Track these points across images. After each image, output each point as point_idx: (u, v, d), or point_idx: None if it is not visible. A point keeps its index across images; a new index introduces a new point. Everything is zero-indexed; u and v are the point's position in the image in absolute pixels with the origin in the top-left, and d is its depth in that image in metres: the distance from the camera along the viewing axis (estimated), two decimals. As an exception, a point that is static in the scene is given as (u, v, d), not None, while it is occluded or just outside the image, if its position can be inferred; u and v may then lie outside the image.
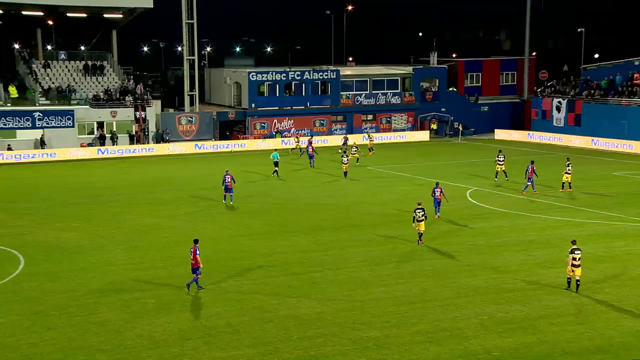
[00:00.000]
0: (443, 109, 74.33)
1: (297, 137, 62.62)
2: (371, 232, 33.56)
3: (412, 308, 23.25)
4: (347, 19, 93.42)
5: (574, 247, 24.83)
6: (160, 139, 64.68)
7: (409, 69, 75.59)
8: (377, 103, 72.94)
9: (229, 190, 39.87)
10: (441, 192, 35.68)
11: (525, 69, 77.84)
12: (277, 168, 49.09)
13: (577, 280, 24.64)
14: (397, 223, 35.21)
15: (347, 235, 32.91)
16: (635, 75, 66.54)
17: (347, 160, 48.88)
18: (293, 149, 60.90)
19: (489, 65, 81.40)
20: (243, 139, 67.53)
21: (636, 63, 68.58)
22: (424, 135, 71.16)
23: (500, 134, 71.98)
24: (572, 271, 24.58)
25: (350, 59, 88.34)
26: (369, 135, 62.97)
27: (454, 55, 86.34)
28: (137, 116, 64.57)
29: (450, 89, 77.36)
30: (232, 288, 25.59)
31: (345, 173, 48.58)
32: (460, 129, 71.53)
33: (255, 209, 38.98)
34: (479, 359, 19.37)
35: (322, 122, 71.06)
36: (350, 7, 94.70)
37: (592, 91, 68.32)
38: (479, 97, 78.22)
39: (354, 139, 61.79)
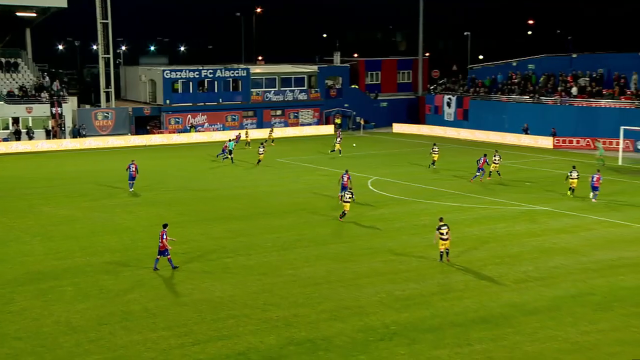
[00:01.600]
0: (346, 105, 75.16)
1: (247, 132, 62.37)
2: (280, 219, 33.64)
3: (318, 289, 23.50)
4: (256, 20, 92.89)
5: (441, 223, 26.03)
6: (77, 134, 62.60)
7: (314, 68, 75.96)
8: (285, 99, 73.10)
9: (132, 179, 40.35)
10: (349, 178, 36.42)
11: (419, 68, 79.61)
12: (231, 155, 51.15)
13: (447, 250, 26.02)
14: (304, 210, 35.44)
15: (258, 223, 32.88)
16: (513, 74, 69.26)
17: (263, 151, 50.12)
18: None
19: (387, 64, 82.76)
20: (158, 133, 66.25)
21: (514, 64, 71.37)
22: (329, 129, 71.79)
23: (397, 128, 73.46)
24: (443, 244, 25.88)
25: (260, 58, 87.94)
26: (271, 130, 63.63)
27: (355, 55, 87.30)
28: (54, 112, 62.21)
29: (353, 86, 78.20)
30: (149, 275, 25.14)
31: (259, 161, 50.07)
32: (362, 123, 72.57)
33: (170, 200, 38.36)
34: (378, 333, 19.80)
35: (233, 117, 70.54)
36: (259, 9, 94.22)
37: (477, 89, 70.67)
38: (378, 93, 79.48)
39: (257, 133, 61.66)
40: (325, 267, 25.92)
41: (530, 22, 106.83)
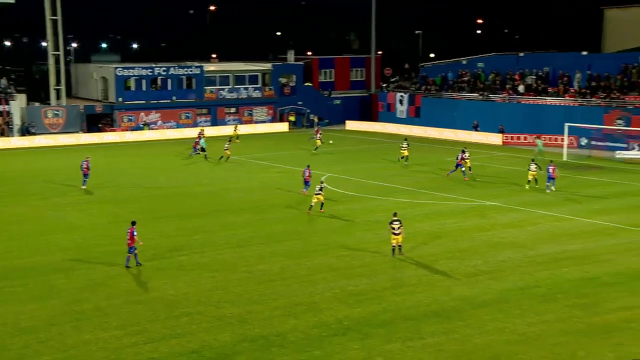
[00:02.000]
0: (300, 102, 75.11)
1: (236, 126, 63.29)
2: (235, 217, 33.48)
3: (272, 285, 23.47)
4: (210, 18, 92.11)
5: (394, 218, 26.35)
6: (25, 132, 61.06)
7: (268, 66, 75.69)
8: (240, 97, 72.69)
9: (85, 176, 39.97)
10: (309, 174, 37.12)
11: (372, 66, 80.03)
12: (205, 152, 51.23)
13: (400, 246, 26.34)
14: (259, 207, 35.36)
15: (213, 220, 32.67)
16: (463, 72, 70.25)
17: (228, 147, 50.60)
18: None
19: (340, 62, 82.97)
20: (111, 131, 65.16)
21: (464, 62, 72.38)
22: (283, 127, 71.69)
23: (351, 125, 73.75)
24: (394, 239, 26.21)
25: (214, 55, 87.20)
26: (235, 126, 63.55)
27: (309, 53, 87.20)
28: (1, 110, 60.54)
29: (306, 84, 78.14)
30: (102, 273, 24.74)
31: (225, 157, 49.98)
32: (316, 120, 72.64)
33: (124, 198, 37.80)
34: (331, 328, 19.89)
35: (187, 115, 69.82)
36: (212, 7, 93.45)
37: (429, 86, 71.45)
38: (332, 91, 79.64)
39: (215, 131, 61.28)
40: (280, 263, 25.90)
41: (479, 21, 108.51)
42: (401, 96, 72.74)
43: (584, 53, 63.18)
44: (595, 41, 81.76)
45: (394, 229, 26.23)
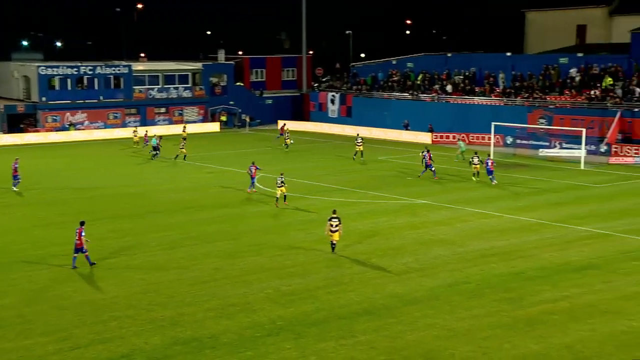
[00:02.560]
0: (231, 102, 74.59)
1: (184, 126, 63.03)
2: (167, 218, 33.00)
3: (205, 287, 23.23)
4: (137, 16, 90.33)
5: (333, 215, 26.70)
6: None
7: (198, 65, 74.86)
8: (170, 97, 71.64)
9: (14, 177, 38.96)
10: (256, 169, 37.81)
11: (303, 66, 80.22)
12: (157, 152, 50.85)
13: (334, 243, 26.72)
14: (191, 208, 34.96)
15: (144, 222, 32.10)
16: (393, 72, 71.26)
17: (183, 147, 50.63)
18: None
19: (271, 62, 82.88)
20: (34, 132, 63.04)
21: (394, 62, 73.46)
22: (214, 127, 71.03)
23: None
24: (331, 235, 26.57)
25: (142, 54, 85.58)
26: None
27: (240, 53, 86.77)
28: None
29: (238, 83, 77.74)
30: (26, 278, 23.91)
31: (182, 156, 50.08)
32: (248, 120, 72.29)
33: (50, 200, 36.66)
34: (265, 329, 19.83)
35: (115, 115, 68.32)
36: (140, 5, 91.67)
37: (360, 86, 72.17)
38: (263, 91, 79.45)
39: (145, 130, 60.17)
40: (212, 264, 25.68)
41: (408, 22, 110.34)
42: (332, 96, 73.20)
43: (508, 54, 65.12)
44: (519, 42, 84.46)
45: (331, 226, 26.50)
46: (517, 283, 23.48)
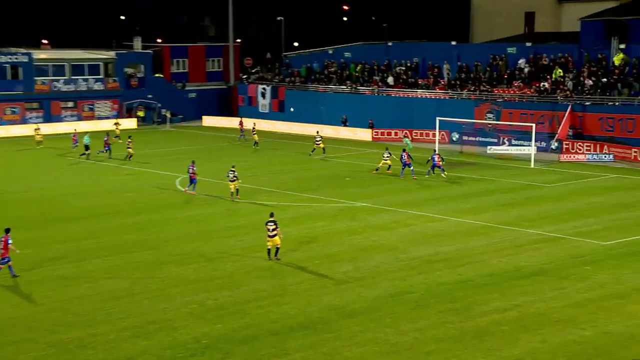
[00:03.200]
0: (150, 96, 73.55)
1: (117, 122, 62.32)
2: (77, 225, 32.35)
3: (120, 303, 22.85)
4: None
5: (270, 219, 26.91)
6: None
7: (111, 54, 73.57)
8: (78, 89, 70.12)
9: None
10: (194, 170, 38.07)
11: (230, 56, 79.81)
12: (89, 151, 49.83)
13: (270, 248, 26.97)
14: (106, 214, 34.41)
15: (49, 231, 31.38)
16: (330, 63, 71.68)
17: (131, 145, 49.83)
18: (114, 136, 56.86)
19: (194, 51, 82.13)
20: None
21: (330, 52, 73.95)
22: (130, 123, 69.81)
23: (208, 121, 73.19)
24: (268, 241, 26.79)
25: (45, 41, 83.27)
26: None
27: (159, 41, 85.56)
28: None
29: (157, 75, 76.76)
30: None
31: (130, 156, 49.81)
32: (168, 116, 71.33)
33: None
34: (188, 349, 19.62)
35: (14, 109, 66.35)
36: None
37: (293, 78, 72.29)
38: (185, 83, 78.67)
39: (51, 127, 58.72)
40: (129, 277, 25.29)
41: (345, 8, 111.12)
42: (263, 89, 73.10)
43: (453, 43, 66.41)
44: (464, 31, 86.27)
45: (268, 230, 26.63)
46: (464, 292, 23.95)
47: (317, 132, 53.68)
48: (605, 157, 49.57)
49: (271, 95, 72.41)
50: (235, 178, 36.64)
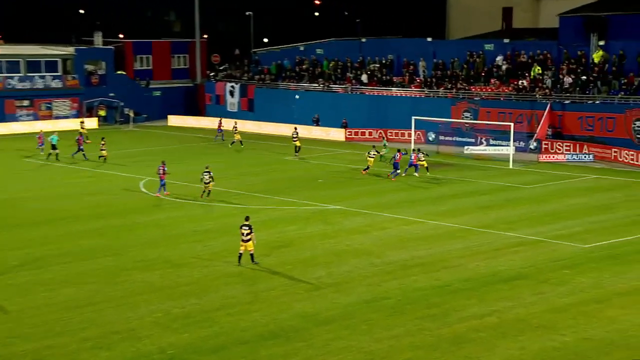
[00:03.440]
0: (112, 94, 73.01)
1: (82, 120, 61.90)
2: (32, 231, 31.99)
3: (80, 313, 22.62)
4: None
5: (244, 223, 27.03)
6: None
7: (70, 50, 72.95)
8: (34, 87, 69.46)
9: None
10: (164, 170, 38.20)
11: (197, 52, 79.49)
12: (57, 151, 49.40)
13: (241, 253, 26.98)
14: (65, 219, 34.21)
15: (3, 237, 31.09)
16: (301, 60, 71.69)
17: (105, 147, 49.65)
18: (86, 138, 55.91)
19: (159, 47, 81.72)
20: None
21: (301, 48, 73.96)
22: (91, 123, 69.15)
23: (174, 120, 72.82)
24: (241, 246, 26.82)
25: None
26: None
27: (121, 36, 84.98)
28: None
29: (119, 72, 76.22)
30: None
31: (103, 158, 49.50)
32: (132, 115, 70.83)
33: None
34: (153, 359, 19.51)
35: (-37, 109, 65.51)
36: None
37: (263, 76, 72.19)
38: (150, 81, 78.20)
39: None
40: (90, 285, 25.09)
41: (317, 2, 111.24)
42: (232, 87, 72.92)
43: (429, 39, 66.79)
44: (440, 26, 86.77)
45: (242, 234, 26.72)
46: (441, 297, 24.08)
47: (295, 129, 53.84)
48: (585, 157, 50.21)
49: (240, 94, 72.25)
50: (210, 179, 37.30)
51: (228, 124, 60.94)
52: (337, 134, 62.19)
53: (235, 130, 57.53)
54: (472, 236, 31.51)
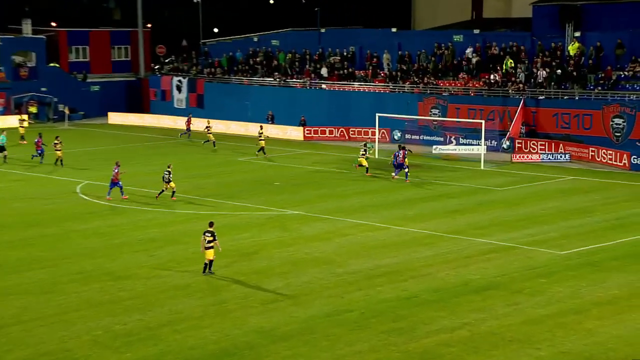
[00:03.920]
0: (44, 89, 72.16)
1: (22, 117, 61.65)
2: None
3: (7, 332, 22.31)
4: None
5: (208, 229, 27.28)
6: None
7: (-5, 40, 71.93)
8: (-45, 81, 68.34)
9: None
10: (118, 171, 38.33)
11: (139, 43, 78.92)
12: (5, 152, 49.69)
13: (210, 261, 27.27)
14: (-10, 229, 33.50)
15: None
16: (255, 52, 71.55)
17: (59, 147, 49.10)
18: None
19: (97, 37, 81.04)
20: None
21: (255, 39, 73.86)
22: (15, 121, 68.19)
23: (115, 118, 72.18)
24: (204, 253, 27.15)
25: None
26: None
27: (54, 25, 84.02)
28: None
29: (52, 64, 75.40)
30: None
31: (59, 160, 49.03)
32: (67, 112, 70.00)
33: None
34: (93, 382, 19.33)
35: None
36: None
37: (214, 69, 71.92)
38: (87, 74, 77.46)
39: None
40: (18, 302, 24.77)
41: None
42: (179, 81, 72.53)
43: (394, 30, 67.25)
44: (406, 16, 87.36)
45: (205, 241, 27.05)
46: (408, 310, 24.22)
47: (261, 127, 54.06)
48: (560, 157, 50.95)
49: (188, 89, 71.88)
50: (169, 180, 38.25)
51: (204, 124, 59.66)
52: (295, 133, 62.19)
53: (209, 130, 57.13)
54: (441, 243, 31.75)
